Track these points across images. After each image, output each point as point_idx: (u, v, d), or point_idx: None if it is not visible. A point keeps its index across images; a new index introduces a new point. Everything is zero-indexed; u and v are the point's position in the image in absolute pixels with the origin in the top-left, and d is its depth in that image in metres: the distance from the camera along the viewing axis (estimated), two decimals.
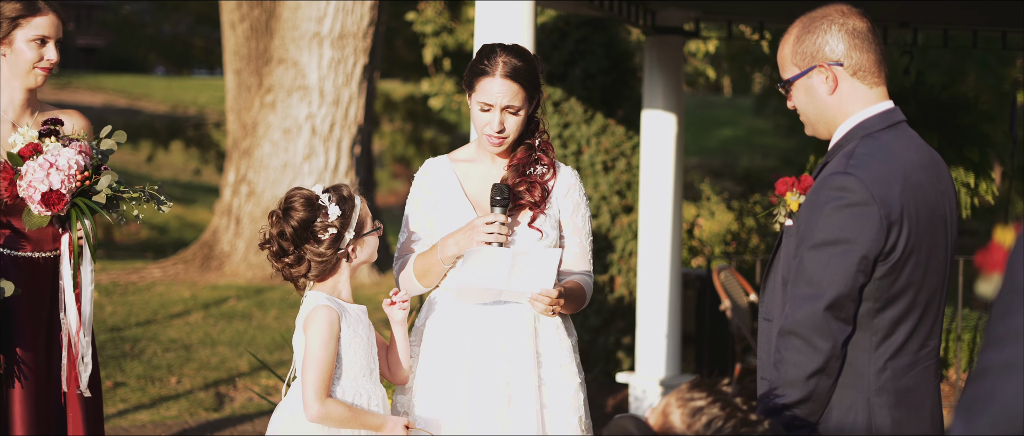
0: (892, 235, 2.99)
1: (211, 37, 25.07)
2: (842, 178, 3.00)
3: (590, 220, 4.01)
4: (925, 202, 3.08)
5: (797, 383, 3.00)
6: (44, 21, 4.19)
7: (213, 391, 7.86)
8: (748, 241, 10.23)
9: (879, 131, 3.12)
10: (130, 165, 21.14)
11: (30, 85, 4.23)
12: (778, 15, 7.49)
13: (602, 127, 8.70)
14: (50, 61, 4.22)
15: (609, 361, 8.62)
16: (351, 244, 3.68)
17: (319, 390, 3.55)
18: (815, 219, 3.02)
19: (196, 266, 12.28)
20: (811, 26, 3.16)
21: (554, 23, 9.01)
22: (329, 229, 3.63)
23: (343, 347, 3.62)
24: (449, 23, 14.80)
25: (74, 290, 4.09)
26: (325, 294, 3.67)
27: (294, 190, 3.69)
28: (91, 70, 36.17)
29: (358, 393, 3.64)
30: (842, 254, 2.97)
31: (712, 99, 34.42)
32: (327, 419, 3.57)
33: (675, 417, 2.45)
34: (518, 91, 3.78)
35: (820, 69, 3.14)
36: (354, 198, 3.70)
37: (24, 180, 3.97)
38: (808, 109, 3.20)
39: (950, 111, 7.04)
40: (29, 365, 4.14)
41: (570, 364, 3.86)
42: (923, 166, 3.13)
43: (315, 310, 3.60)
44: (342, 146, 12.27)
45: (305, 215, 3.61)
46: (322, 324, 3.58)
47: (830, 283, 2.97)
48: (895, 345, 3.08)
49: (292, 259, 3.65)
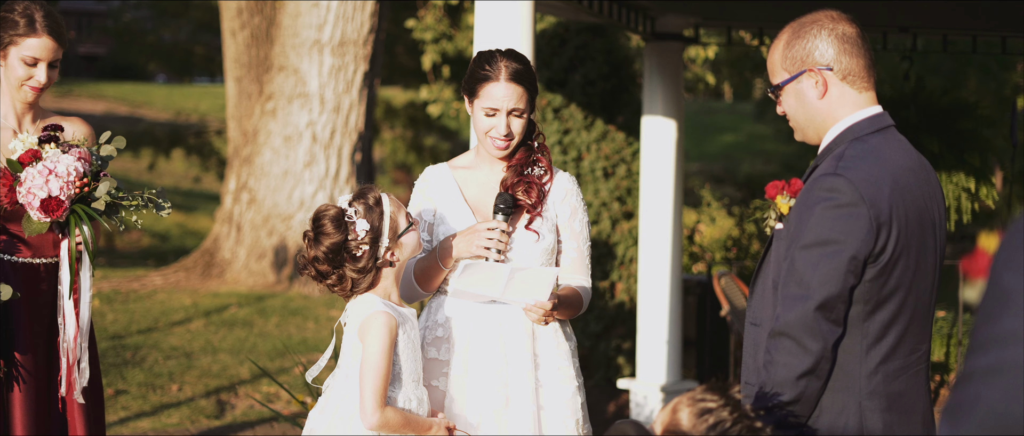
0: (882, 237, 3.00)
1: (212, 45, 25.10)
2: (832, 179, 3.02)
3: (588, 226, 4.02)
4: (914, 205, 3.09)
5: (787, 384, 3.00)
6: (36, 44, 4.19)
7: (214, 399, 7.86)
8: (749, 247, 10.24)
9: (868, 135, 3.14)
10: (131, 173, 21.16)
11: (21, 100, 4.26)
12: (777, 20, 7.50)
13: (602, 133, 8.71)
14: (39, 83, 4.22)
15: (610, 367, 8.62)
16: (389, 249, 3.63)
17: (380, 398, 3.51)
18: (805, 220, 3.03)
19: (197, 274, 12.28)
20: (801, 31, 3.18)
21: (554, 30, 9.02)
22: (362, 246, 3.57)
23: (400, 353, 3.58)
24: (449, 30, 14.82)
25: (72, 296, 4.10)
26: (379, 298, 3.62)
27: (322, 209, 3.61)
28: (92, 78, 36.22)
29: (409, 398, 3.62)
30: (832, 255, 2.98)
31: (713, 105, 34.45)
32: (385, 427, 3.53)
33: (683, 415, 2.47)
34: (523, 93, 3.81)
35: (810, 73, 3.16)
36: (382, 204, 3.61)
37: (24, 186, 3.98)
38: (797, 113, 3.22)
39: (951, 116, 7.04)
40: (29, 370, 4.14)
41: (568, 367, 3.87)
42: (911, 169, 3.14)
43: (374, 316, 3.55)
44: (343, 153, 12.28)
45: (336, 239, 3.55)
46: (383, 331, 3.53)
47: (820, 284, 2.98)
48: (886, 348, 3.08)
49: (334, 280, 3.60)
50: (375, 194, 3.63)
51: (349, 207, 3.59)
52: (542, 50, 8.75)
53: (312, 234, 3.59)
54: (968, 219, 7.04)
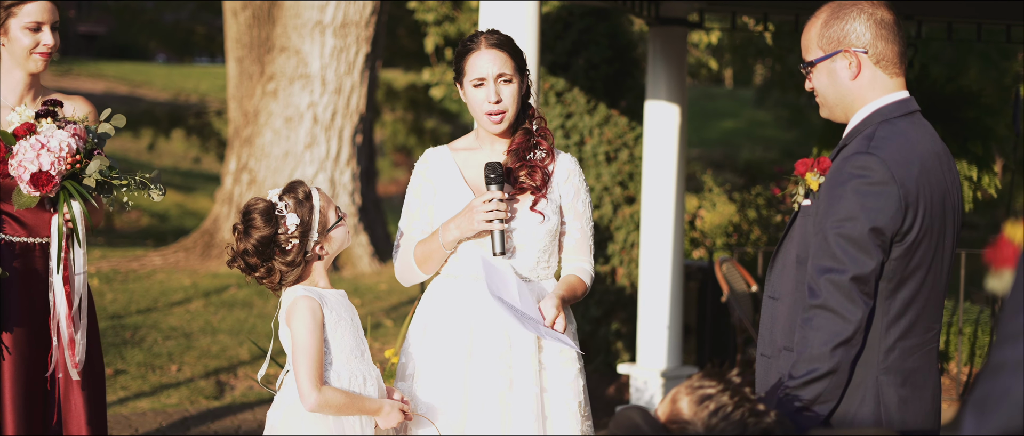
0: (909, 216, 3.10)
1: (213, 25, 25.04)
2: (864, 158, 3.12)
3: (590, 206, 4.04)
4: (938, 188, 3.19)
5: (823, 356, 3.08)
6: (35, 7, 4.19)
7: (214, 379, 7.86)
8: (750, 233, 10.23)
9: (897, 118, 3.24)
10: (131, 153, 21.12)
11: (32, 70, 4.24)
12: (782, 7, 7.47)
13: (605, 118, 8.69)
14: (47, 45, 4.22)
15: (610, 352, 8.62)
16: (318, 243, 3.67)
17: (314, 378, 3.54)
18: (838, 197, 3.13)
19: (197, 254, 12.27)
20: (840, 12, 3.27)
21: (557, 13, 8.99)
22: (292, 240, 3.61)
23: (329, 332, 3.61)
24: (451, 12, 14.77)
25: (61, 272, 4.09)
26: (301, 285, 3.67)
27: (252, 202, 3.65)
28: (92, 57, 36.11)
29: (353, 375, 3.64)
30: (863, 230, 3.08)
31: (713, 90, 34.39)
32: (325, 407, 3.56)
33: (683, 403, 2.46)
34: (506, 59, 3.85)
35: (845, 54, 3.25)
36: (312, 198, 3.66)
37: (15, 159, 3.97)
38: (828, 91, 3.32)
39: (954, 104, 7.03)
40: (21, 349, 4.13)
41: (570, 349, 3.87)
42: (936, 154, 3.24)
43: (295, 302, 3.60)
44: (344, 135, 12.26)
45: (265, 232, 3.60)
46: (305, 313, 3.57)
47: (853, 260, 3.08)
48: (905, 326, 3.18)
49: (262, 272, 3.65)
50: (305, 189, 3.67)
51: (279, 201, 3.63)
52: (545, 34, 8.73)
53: (242, 227, 3.63)
54: (970, 208, 7.04)
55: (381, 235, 12.79)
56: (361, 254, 12.38)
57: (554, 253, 3.96)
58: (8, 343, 4.12)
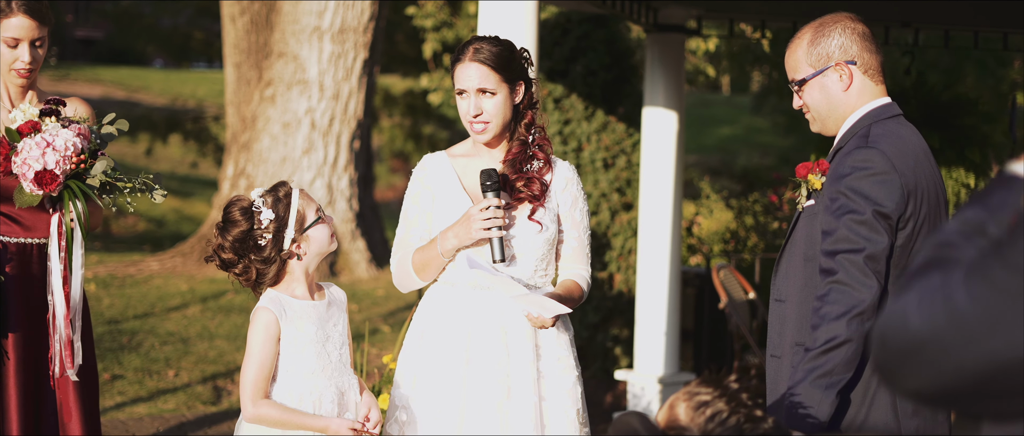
0: (910, 205, 3.27)
1: (211, 30, 25.07)
2: (865, 151, 3.29)
3: (588, 214, 4.04)
4: (931, 180, 3.38)
5: (841, 325, 3.19)
6: (14, 24, 4.15)
7: (211, 385, 7.86)
8: (747, 239, 10.24)
9: (886, 119, 3.44)
10: (128, 157, 21.12)
11: (12, 83, 4.24)
12: (780, 14, 7.49)
13: (603, 124, 8.70)
14: (24, 62, 4.18)
15: (607, 358, 8.62)
16: (295, 242, 3.65)
17: (253, 392, 3.53)
18: (842, 191, 3.28)
19: (194, 259, 12.27)
20: (824, 29, 3.47)
21: (556, 20, 9.00)
22: (265, 235, 3.61)
23: (284, 347, 3.59)
24: (449, 18, 14.79)
25: (61, 273, 4.08)
26: (271, 293, 3.65)
27: (233, 200, 3.66)
28: (89, 62, 36.08)
29: (308, 392, 3.59)
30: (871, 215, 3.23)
31: (710, 97, 34.41)
32: (261, 420, 3.54)
33: (680, 410, 2.47)
34: (488, 73, 3.82)
35: (836, 67, 3.45)
36: (290, 196, 3.65)
37: (19, 157, 3.96)
38: (821, 105, 3.50)
39: (951, 111, 7.05)
40: (19, 350, 4.12)
41: (568, 357, 3.88)
42: (925, 151, 3.44)
43: (255, 311, 3.61)
44: (341, 140, 12.26)
45: (242, 228, 3.60)
46: (258, 326, 3.58)
47: (866, 239, 3.22)
48: None
49: (239, 269, 3.65)
50: (287, 188, 3.67)
51: (258, 198, 3.64)
52: (544, 40, 8.74)
53: (221, 223, 3.65)
54: None
55: (378, 241, 12.79)
56: (358, 260, 12.39)
57: (552, 261, 3.95)
58: (9, 345, 4.12)
